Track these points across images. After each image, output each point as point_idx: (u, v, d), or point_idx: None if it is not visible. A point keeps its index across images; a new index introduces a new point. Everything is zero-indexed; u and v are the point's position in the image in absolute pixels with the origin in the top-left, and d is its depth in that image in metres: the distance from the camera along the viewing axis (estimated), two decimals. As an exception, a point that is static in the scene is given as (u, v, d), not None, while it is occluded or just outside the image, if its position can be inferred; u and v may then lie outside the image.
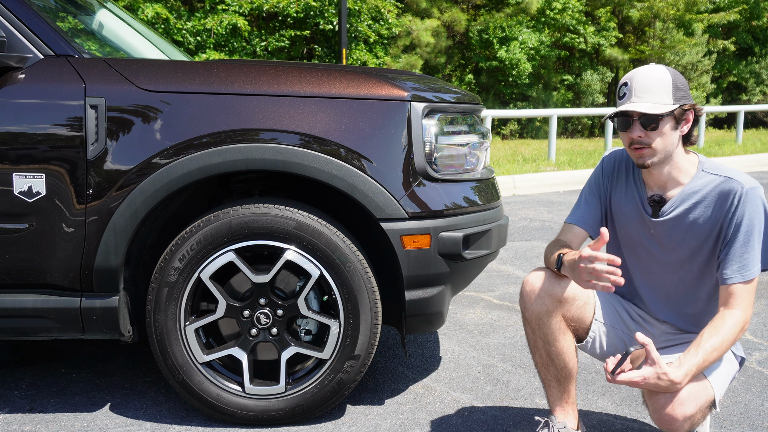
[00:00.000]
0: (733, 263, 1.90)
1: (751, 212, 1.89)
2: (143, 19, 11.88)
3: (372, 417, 2.45)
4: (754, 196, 1.89)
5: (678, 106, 1.91)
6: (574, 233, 2.14)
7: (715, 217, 1.94)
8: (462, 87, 16.54)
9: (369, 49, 14.95)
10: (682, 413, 1.82)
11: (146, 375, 2.81)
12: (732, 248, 1.90)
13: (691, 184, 1.98)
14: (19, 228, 2.22)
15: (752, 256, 1.89)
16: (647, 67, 1.95)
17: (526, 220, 6.41)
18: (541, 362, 2.09)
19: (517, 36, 17.98)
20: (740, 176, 1.93)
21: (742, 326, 1.88)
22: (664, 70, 1.93)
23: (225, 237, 2.25)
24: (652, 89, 1.90)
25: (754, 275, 1.89)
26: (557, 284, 2.02)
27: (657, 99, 1.89)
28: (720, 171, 1.96)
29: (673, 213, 1.99)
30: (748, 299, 1.90)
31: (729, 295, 1.90)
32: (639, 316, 2.15)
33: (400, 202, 2.27)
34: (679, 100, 1.91)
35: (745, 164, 10.89)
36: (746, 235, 1.89)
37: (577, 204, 2.18)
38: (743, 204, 1.89)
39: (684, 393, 1.82)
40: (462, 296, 3.97)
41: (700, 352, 1.83)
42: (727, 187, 1.92)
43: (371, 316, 2.31)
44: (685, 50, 20.54)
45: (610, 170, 2.15)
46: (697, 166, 1.99)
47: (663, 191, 2.01)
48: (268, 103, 2.27)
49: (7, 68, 2.22)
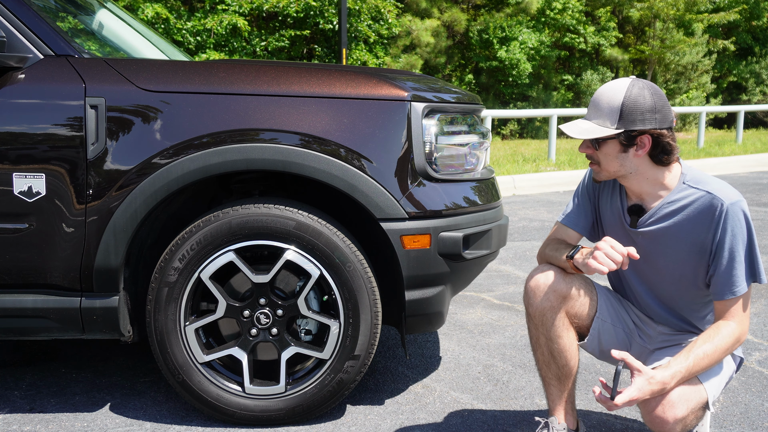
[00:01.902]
0: (722, 281, 1.90)
1: (733, 228, 1.87)
2: (143, 19, 11.88)
3: (372, 417, 2.45)
4: (735, 211, 1.87)
5: (621, 131, 1.87)
6: (569, 235, 2.15)
7: (696, 232, 1.92)
8: (462, 87, 16.54)
9: (369, 49, 14.94)
10: (673, 415, 1.82)
11: (146, 375, 2.81)
12: (719, 267, 1.90)
13: (671, 197, 1.96)
14: (19, 228, 2.22)
15: (739, 273, 1.89)
16: (612, 83, 1.93)
17: (526, 220, 6.41)
18: (543, 360, 2.09)
19: (517, 36, 17.98)
20: (722, 191, 1.89)
21: (737, 337, 1.89)
22: (621, 91, 1.88)
23: (225, 237, 2.25)
24: (600, 109, 1.90)
25: (743, 291, 1.89)
26: (561, 281, 2.02)
27: (600, 121, 1.90)
28: (701, 185, 1.92)
29: (653, 225, 1.98)
30: (744, 311, 1.91)
31: (723, 309, 1.92)
32: (637, 317, 2.16)
33: (400, 202, 2.27)
34: (626, 125, 1.87)
35: (745, 164, 10.89)
36: (731, 252, 1.88)
37: (570, 204, 2.19)
38: (725, 221, 1.87)
39: (674, 395, 1.83)
40: (462, 296, 3.97)
41: (691, 356, 1.84)
42: (708, 202, 1.89)
43: (371, 316, 2.31)
44: (685, 50, 20.54)
45: None
46: (678, 179, 1.97)
47: (643, 202, 2.01)
48: (268, 103, 2.27)
49: (7, 68, 2.22)
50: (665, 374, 1.81)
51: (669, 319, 2.10)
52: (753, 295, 3.92)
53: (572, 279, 2.03)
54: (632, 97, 1.87)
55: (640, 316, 2.15)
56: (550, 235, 2.19)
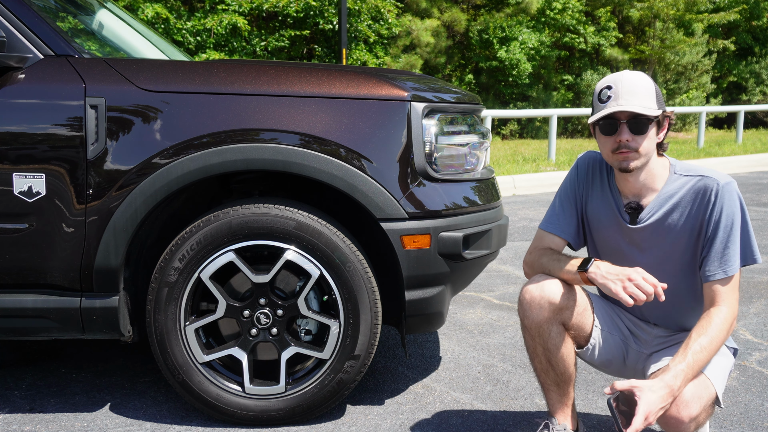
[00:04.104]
0: (715, 260, 1.90)
1: (729, 207, 1.90)
2: (143, 19, 11.88)
3: (372, 417, 2.45)
4: (729, 191, 1.90)
5: (661, 111, 1.91)
6: (555, 243, 2.11)
7: (694, 216, 1.94)
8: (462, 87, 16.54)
9: (369, 49, 14.94)
10: (688, 414, 1.81)
11: (146, 375, 2.81)
12: (713, 245, 1.91)
13: (666, 188, 1.98)
14: (19, 228, 2.22)
15: (733, 251, 1.90)
16: (629, 72, 1.95)
17: (526, 220, 6.41)
18: (541, 368, 2.08)
19: (517, 36, 17.97)
20: (713, 173, 1.94)
21: (730, 322, 1.89)
22: (645, 75, 1.94)
23: (225, 237, 2.25)
24: (639, 93, 1.89)
25: (735, 270, 1.90)
26: (557, 292, 2.00)
27: (644, 103, 1.89)
28: (692, 171, 1.97)
29: (652, 219, 1.98)
30: (733, 295, 1.91)
31: (713, 292, 1.91)
32: (630, 322, 2.15)
33: (400, 202, 2.27)
34: (661, 107, 1.92)
35: (745, 164, 10.89)
36: (725, 230, 1.90)
37: (552, 210, 2.15)
38: (720, 199, 1.90)
39: (687, 394, 1.81)
40: (462, 296, 3.97)
41: (689, 352, 1.82)
42: (702, 185, 1.93)
43: (371, 316, 2.31)
44: (685, 50, 20.53)
45: (584, 175, 2.12)
46: (669, 170, 1.99)
47: (638, 198, 2.01)
48: (268, 103, 2.27)
49: (7, 68, 2.22)
50: (666, 378, 1.78)
51: (667, 317, 2.09)
52: (753, 295, 3.92)
53: (568, 290, 2.01)
54: (654, 82, 1.94)
55: (634, 321, 2.15)
56: (536, 243, 2.14)
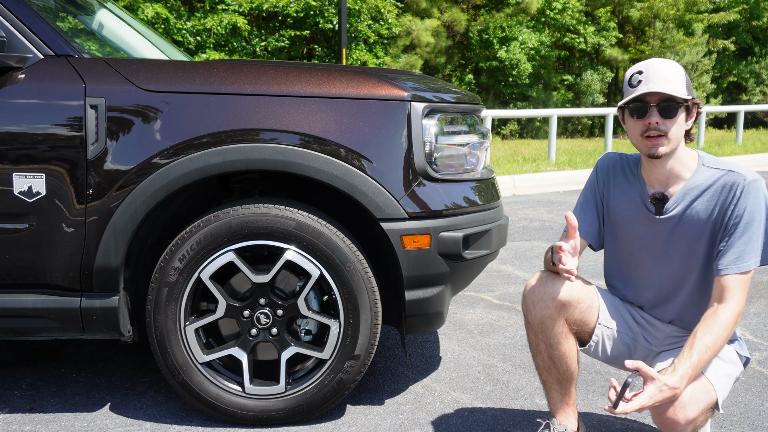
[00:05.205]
0: (731, 254, 1.89)
1: (753, 204, 1.89)
2: (143, 19, 11.88)
3: (372, 417, 2.45)
4: (756, 188, 1.89)
5: (691, 98, 1.91)
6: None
7: (718, 209, 1.93)
8: (462, 87, 16.54)
9: (369, 49, 14.94)
10: (684, 416, 1.81)
11: (146, 375, 2.81)
12: (731, 239, 1.90)
13: (693, 179, 1.97)
14: (19, 228, 2.22)
15: (750, 248, 1.88)
16: (660, 59, 1.95)
17: (526, 220, 6.41)
18: (543, 365, 2.08)
19: (517, 36, 17.97)
20: (742, 169, 1.93)
21: (735, 319, 1.87)
22: (676, 63, 1.94)
23: (225, 237, 2.25)
24: (669, 78, 1.89)
25: (750, 267, 1.88)
26: (560, 288, 2.00)
27: (674, 88, 1.88)
28: (721, 165, 1.96)
29: (677, 209, 1.98)
30: (743, 292, 1.88)
31: (723, 287, 1.89)
32: (643, 319, 2.13)
33: (400, 202, 2.27)
34: (690, 94, 1.92)
35: (745, 164, 10.85)
36: (746, 226, 1.89)
37: (574, 212, 2.15)
38: (745, 196, 1.89)
39: (685, 396, 1.81)
40: (462, 296, 3.97)
41: (694, 352, 1.82)
42: (729, 180, 1.92)
43: (371, 316, 2.31)
44: (685, 50, 20.53)
45: (604, 174, 2.14)
46: (697, 161, 1.99)
47: (665, 188, 2.00)
48: (268, 103, 2.27)
49: (7, 68, 2.22)
50: (674, 380, 1.78)
51: (685, 314, 2.05)
52: (753, 295, 3.92)
53: (572, 286, 2.01)
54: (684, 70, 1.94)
55: (646, 318, 2.13)
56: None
